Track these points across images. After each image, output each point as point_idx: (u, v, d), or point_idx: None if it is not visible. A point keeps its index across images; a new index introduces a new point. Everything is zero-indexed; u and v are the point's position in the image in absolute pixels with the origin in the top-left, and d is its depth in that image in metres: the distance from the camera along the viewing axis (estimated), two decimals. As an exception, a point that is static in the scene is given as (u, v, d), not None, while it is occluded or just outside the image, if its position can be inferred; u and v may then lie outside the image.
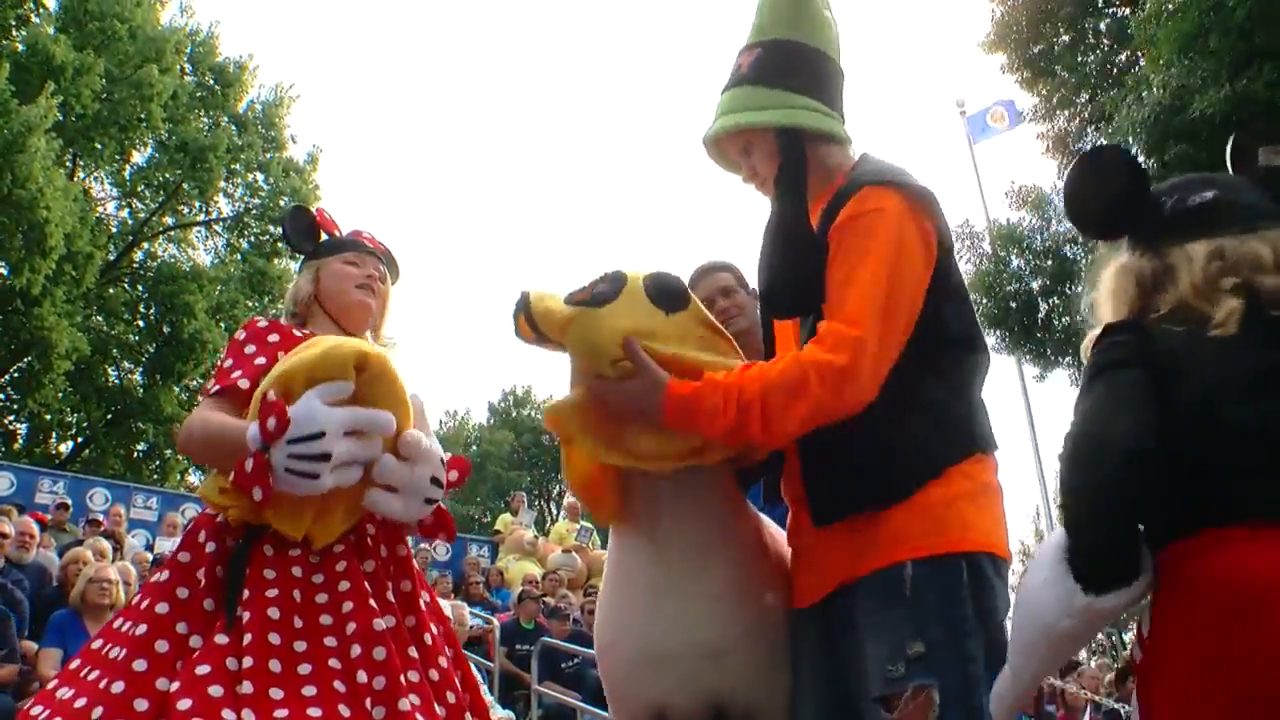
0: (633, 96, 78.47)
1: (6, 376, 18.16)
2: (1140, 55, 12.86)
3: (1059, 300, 15.03)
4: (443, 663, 1.90)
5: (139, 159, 21.00)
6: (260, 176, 21.86)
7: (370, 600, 1.83)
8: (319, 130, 64.47)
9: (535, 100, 73.77)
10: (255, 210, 21.74)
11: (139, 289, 20.91)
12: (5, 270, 16.00)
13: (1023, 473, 27.81)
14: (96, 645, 1.79)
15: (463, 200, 71.98)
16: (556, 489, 34.09)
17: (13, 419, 19.34)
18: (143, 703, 1.63)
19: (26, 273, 15.32)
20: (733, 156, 1.92)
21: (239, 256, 21.76)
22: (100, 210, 20.36)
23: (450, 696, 1.85)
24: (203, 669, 1.66)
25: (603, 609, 1.96)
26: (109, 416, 19.96)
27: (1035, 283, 15.39)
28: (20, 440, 19.36)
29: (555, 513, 27.40)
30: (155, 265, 21.17)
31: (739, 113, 1.83)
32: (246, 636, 1.71)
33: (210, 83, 21.66)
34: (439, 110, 74.34)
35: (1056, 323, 15.17)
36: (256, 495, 1.71)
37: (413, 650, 1.85)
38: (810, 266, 1.71)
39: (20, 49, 17.05)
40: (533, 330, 1.81)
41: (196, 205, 21.71)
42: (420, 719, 1.72)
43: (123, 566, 6.27)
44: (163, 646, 1.72)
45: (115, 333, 20.16)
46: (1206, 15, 10.38)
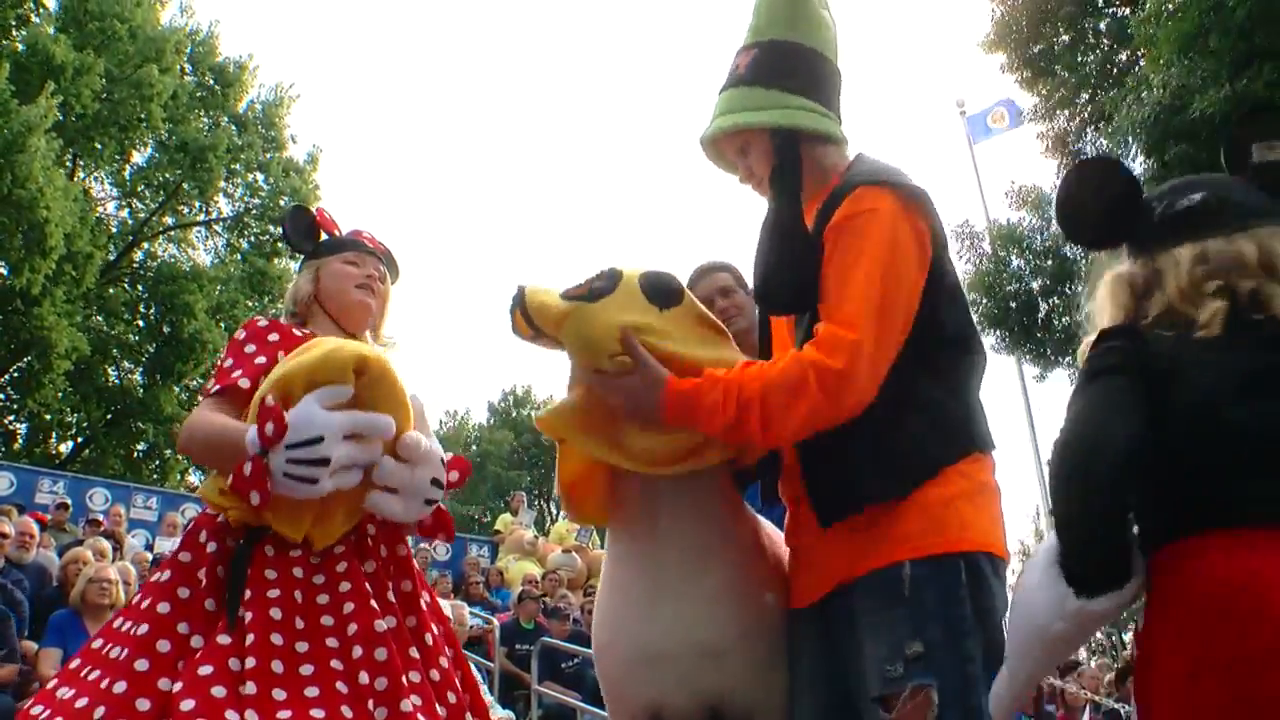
0: (632, 96, 78.54)
1: (6, 376, 18.15)
2: (1140, 55, 12.85)
3: (1059, 300, 15.01)
4: (443, 663, 1.90)
5: (139, 159, 21.00)
6: (260, 176, 21.83)
7: (371, 601, 1.84)
8: (319, 130, 64.52)
9: (535, 100, 73.87)
10: (255, 210, 21.71)
11: (139, 289, 20.88)
12: (5, 270, 15.99)
13: (1022, 473, 27.87)
14: (97, 645, 1.79)
15: (462, 200, 72.08)
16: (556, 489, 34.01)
17: (13, 419, 19.33)
18: (145, 703, 1.64)
19: (26, 273, 15.31)
20: (730, 156, 1.93)
21: (239, 256, 21.72)
22: (100, 210, 20.33)
23: (451, 697, 1.86)
24: (205, 669, 1.66)
25: (600, 609, 1.96)
26: (109, 416, 19.93)
27: (1035, 283, 15.36)
28: (20, 440, 19.34)
29: (555, 513, 27.34)
30: (155, 265, 21.14)
31: (736, 113, 1.84)
32: (249, 637, 1.71)
33: (210, 83, 21.63)
34: (439, 110, 74.41)
35: (1056, 323, 15.15)
36: (254, 500, 1.71)
37: (414, 651, 1.85)
38: (806, 265, 1.72)
39: (20, 49, 17.03)
40: (529, 326, 1.81)
41: (196, 205, 21.68)
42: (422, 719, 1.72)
43: (123, 566, 6.26)
44: (164, 646, 1.72)
45: (115, 333, 20.13)
46: (1206, 15, 10.37)
